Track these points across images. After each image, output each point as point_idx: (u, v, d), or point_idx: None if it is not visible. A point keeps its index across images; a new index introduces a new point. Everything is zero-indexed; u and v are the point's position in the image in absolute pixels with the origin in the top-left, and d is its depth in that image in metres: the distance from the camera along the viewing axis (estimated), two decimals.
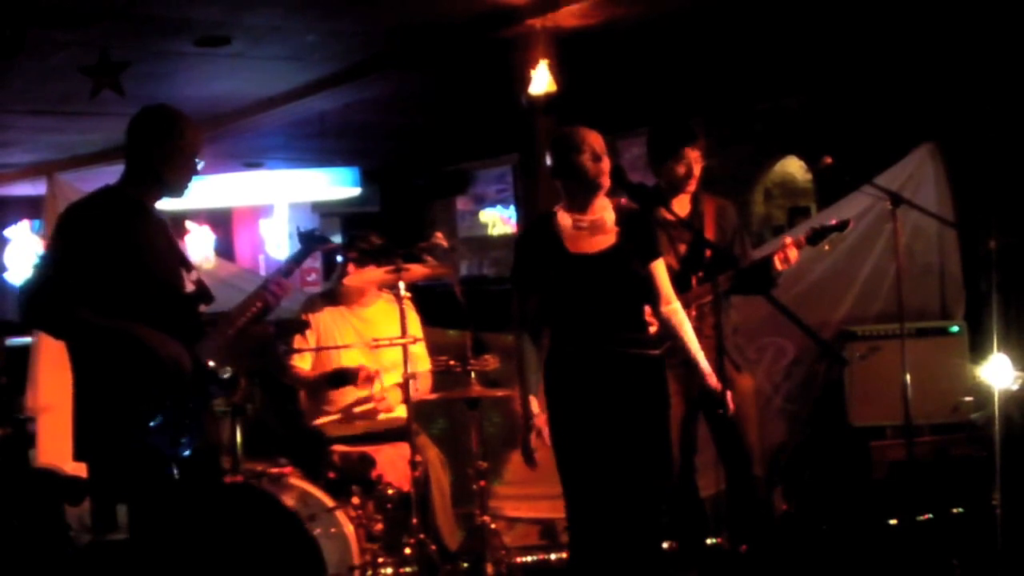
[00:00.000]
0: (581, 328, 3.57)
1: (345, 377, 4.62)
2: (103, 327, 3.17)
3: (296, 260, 3.72)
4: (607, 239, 3.62)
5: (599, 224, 3.63)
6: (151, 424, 3.16)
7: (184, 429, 3.21)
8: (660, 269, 3.68)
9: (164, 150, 3.32)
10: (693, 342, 3.69)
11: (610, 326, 3.57)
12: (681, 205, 4.23)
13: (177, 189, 3.40)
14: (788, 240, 4.16)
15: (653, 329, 3.73)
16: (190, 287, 3.39)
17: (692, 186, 4.24)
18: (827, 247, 4.24)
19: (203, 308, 3.47)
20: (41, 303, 3.18)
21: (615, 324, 3.58)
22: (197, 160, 3.40)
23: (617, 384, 3.56)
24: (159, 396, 3.18)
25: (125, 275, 3.22)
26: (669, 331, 3.70)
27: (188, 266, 3.44)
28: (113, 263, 3.20)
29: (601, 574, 3.56)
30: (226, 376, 3.38)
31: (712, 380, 3.65)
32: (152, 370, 3.18)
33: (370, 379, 4.61)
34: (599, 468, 3.54)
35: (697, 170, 4.23)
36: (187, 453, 3.21)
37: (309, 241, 3.75)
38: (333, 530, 4.05)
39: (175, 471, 3.18)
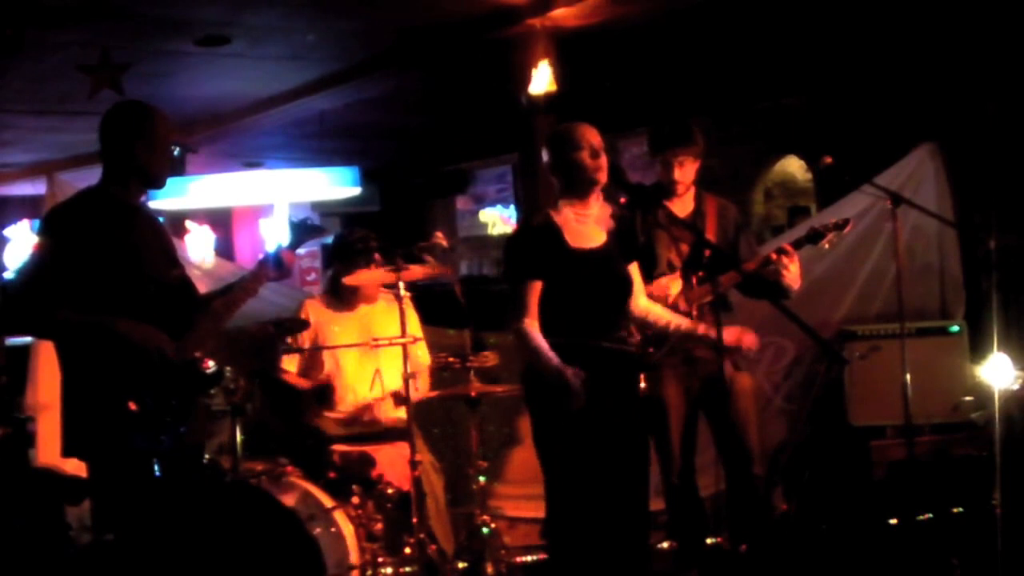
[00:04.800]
0: (574, 322, 3.57)
1: (326, 394, 4.63)
2: (84, 324, 3.21)
3: (289, 249, 3.75)
4: (602, 236, 3.67)
5: (596, 220, 3.68)
6: (130, 421, 3.17)
7: (165, 426, 3.22)
8: (636, 269, 3.79)
9: (144, 143, 3.38)
10: (672, 316, 3.84)
11: (602, 321, 3.60)
12: (684, 204, 4.22)
13: (159, 180, 3.47)
14: (786, 246, 4.12)
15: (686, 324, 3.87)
16: (174, 282, 3.44)
17: (680, 190, 4.21)
18: (827, 245, 4.23)
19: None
20: (19, 307, 3.24)
21: (606, 319, 3.62)
22: (173, 148, 3.48)
23: (605, 379, 3.57)
24: (140, 393, 3.20)
25: (107, 273, 3.26)
26: (650, 323, 3.81)
27: (174, 262, 3.49)
28: (95, 262, 3.25)
29: (587, 571, 3.56)
30: (210, 371, 3.37)
31: (700, 329, 3.82)
32: (135, 365, 3.20)
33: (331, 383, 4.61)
34: (584, 460, 3.54)
35: (683, 174, 4.19)
36: (167, 450, 3.21)
37: (301, 231, 3.76)
38: (333, 530, 4.05)
39: (157, 468, 3.19)
